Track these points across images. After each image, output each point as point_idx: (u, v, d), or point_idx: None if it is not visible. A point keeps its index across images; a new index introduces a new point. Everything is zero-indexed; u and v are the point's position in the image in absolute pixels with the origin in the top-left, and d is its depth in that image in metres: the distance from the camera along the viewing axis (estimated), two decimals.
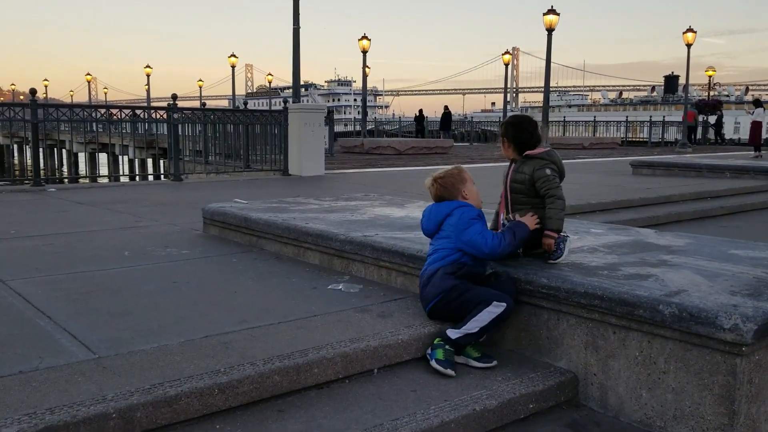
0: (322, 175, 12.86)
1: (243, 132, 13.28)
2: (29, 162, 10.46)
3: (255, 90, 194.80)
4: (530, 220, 3.49)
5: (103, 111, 11.58)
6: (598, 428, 2.94)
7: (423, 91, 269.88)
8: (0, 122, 10.64)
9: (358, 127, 34.77)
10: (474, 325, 3.15)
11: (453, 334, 3.14)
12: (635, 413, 2.96)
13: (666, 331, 2.81)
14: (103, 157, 27.32)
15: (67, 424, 2.27)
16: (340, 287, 4.04)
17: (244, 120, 13.14)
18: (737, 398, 2.65)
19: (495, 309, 3.16)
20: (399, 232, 4.50)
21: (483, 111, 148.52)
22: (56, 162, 35.43)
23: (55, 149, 34.89)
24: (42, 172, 10.69)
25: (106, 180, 14.69)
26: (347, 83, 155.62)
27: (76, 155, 30.53)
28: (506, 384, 3.01)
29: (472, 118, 52.03)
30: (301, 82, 17.60)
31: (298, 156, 12.80)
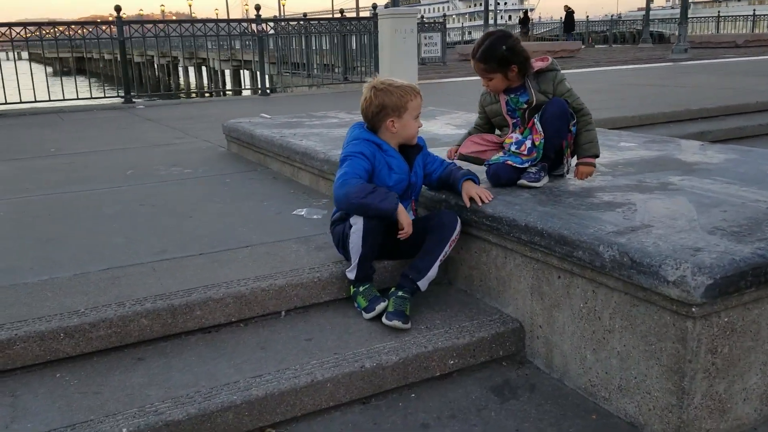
0: None
1: (339, 42, 12.82)
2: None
3: None
4: (407, 222, 2.57)
5: (180, 25, 11.44)
6: (530, 394, 2.37)
7: None
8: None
9: None
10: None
11: (350, 274, 2.68)
12: (580, 378, 2.36)
13: (609, 280, 2.16)
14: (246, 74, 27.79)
15: None
16: (303, 213, 3.61)
17: (332, 29, 12.62)
18: (688, 373, 1.98)
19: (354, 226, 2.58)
20: None
21: (639, 9, 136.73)
22: (204, 80, 36.57)
23: (203, 68, 35.89)
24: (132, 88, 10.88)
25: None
26: None
27: (222, 72, 31.48)
28: (424, 335, 2.48)
29: (621, 17, 47.94)
30: None
31: (389, 66, 12.12)
